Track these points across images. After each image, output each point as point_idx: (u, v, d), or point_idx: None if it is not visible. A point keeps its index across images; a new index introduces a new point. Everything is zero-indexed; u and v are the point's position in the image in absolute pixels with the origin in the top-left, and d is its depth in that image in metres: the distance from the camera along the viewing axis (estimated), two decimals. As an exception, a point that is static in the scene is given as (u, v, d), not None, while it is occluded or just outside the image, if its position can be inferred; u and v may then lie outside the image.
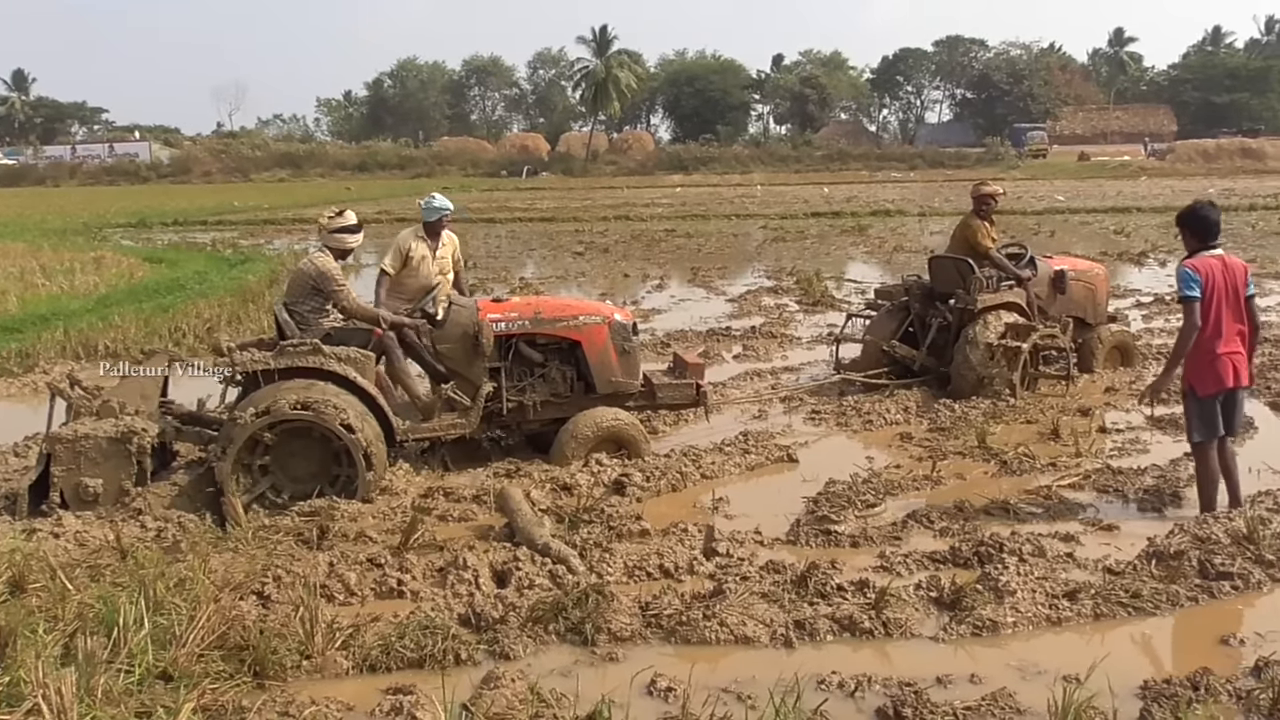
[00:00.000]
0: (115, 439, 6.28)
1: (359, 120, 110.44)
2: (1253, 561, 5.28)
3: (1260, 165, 58.06)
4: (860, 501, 6.44)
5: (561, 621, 4.72)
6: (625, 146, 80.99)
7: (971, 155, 68.36)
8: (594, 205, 39.33)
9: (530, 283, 17.95)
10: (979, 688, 4.20)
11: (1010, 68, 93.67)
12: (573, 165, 71.89)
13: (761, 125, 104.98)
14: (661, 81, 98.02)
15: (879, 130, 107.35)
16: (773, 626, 4.72)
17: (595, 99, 78.27)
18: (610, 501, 6.39)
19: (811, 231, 27.88)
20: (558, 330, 7.49)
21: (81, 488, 6.20)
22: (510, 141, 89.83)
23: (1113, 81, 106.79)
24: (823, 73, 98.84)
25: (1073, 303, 9.79)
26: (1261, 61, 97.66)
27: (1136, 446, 7.60)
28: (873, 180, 57.21)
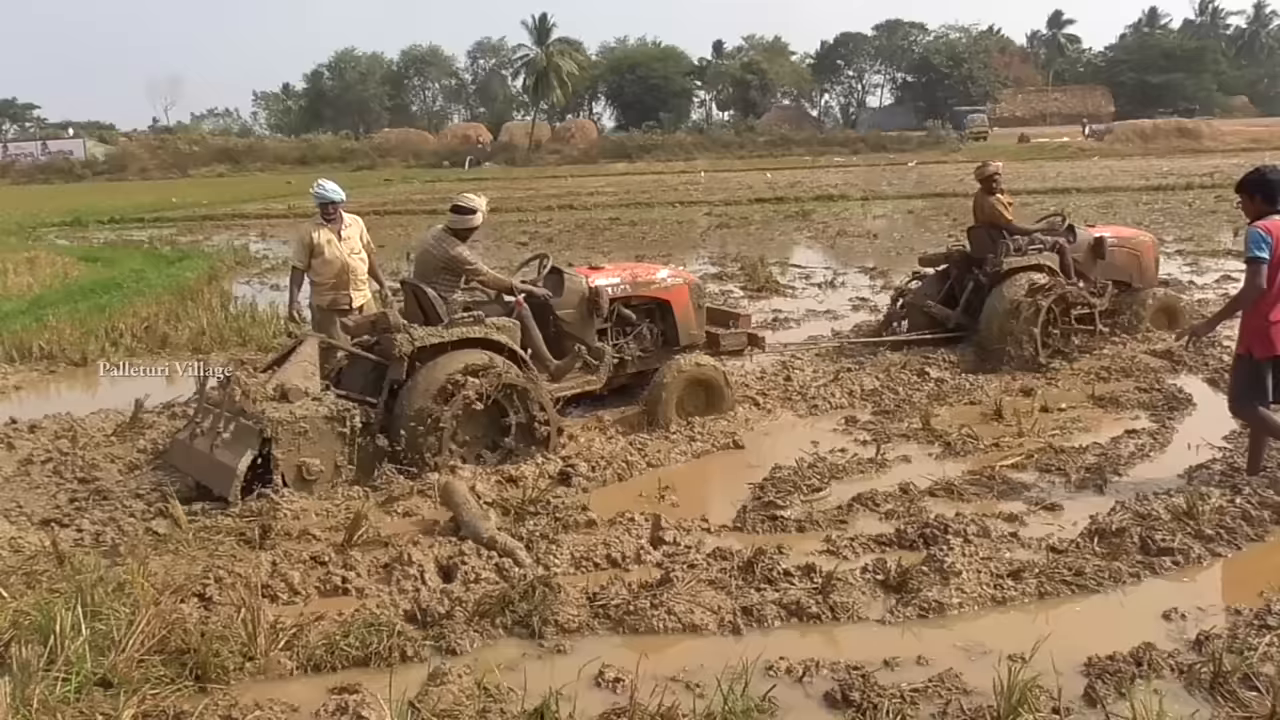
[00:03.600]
0: (331, 418, 6.49)
1: (298, 113, 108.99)
2: (1193, 536, 5.36)
3: (1196, 145, 58.91)
4: (806, 486, 6.45)
5: (508, 615, 4.68)
6: (568, 135, 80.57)
7: (913, 139, 68.73)
8: (537, 195, 39.13)
9: (474, 274, 17.82)
10: (926, 669, 4.22)
11: (950, 51, 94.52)
12: (515, 155, 71.32)
13: (704, 112, 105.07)
14: (603, 69, 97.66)
15: (821, 115, 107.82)
16: (720, 614, 4.71)
17: (537, 88, 77.83)
18: (556, 493, 6.35)
19: (755, 218, 27.92)
20: (651, 292, 8.31)
21: (305, 467, 6.36)
22: (452, 132, 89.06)
23: (1051, 63, 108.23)
24: (764, 58, 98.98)
25: (1115, 268, 10.50)
26: (1196, 42, 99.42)
27: (1078, 425, 7.68)
28: (816, 165, 57.42)
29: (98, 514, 6.12)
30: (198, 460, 6.60)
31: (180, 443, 7.00)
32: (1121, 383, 8.80)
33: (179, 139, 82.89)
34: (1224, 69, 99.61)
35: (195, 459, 6.64)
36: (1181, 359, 9.25)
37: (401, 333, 6.83)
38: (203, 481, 6.50)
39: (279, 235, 25.79)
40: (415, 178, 58.00)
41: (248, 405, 6.49)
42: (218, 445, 6.46)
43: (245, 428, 6.40)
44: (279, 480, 6.27)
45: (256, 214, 34.00)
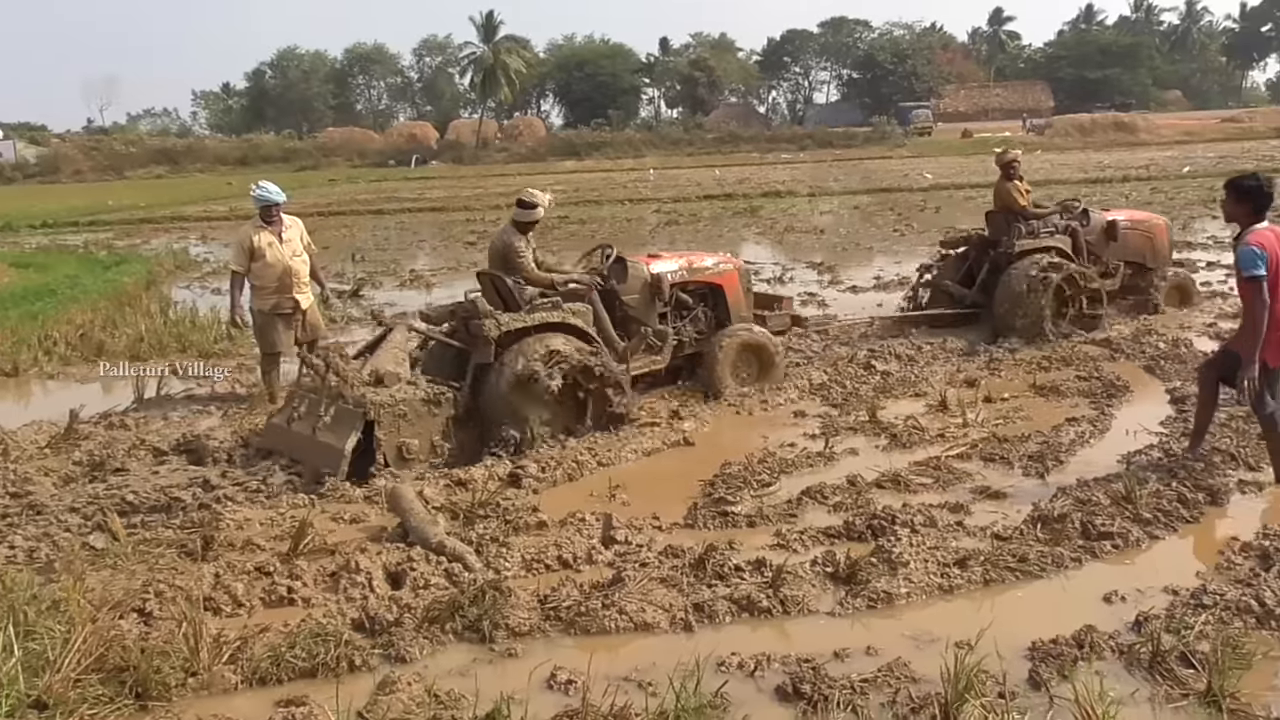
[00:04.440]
0: (428, 400, 6.94)
1: (239, 113, 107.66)
2: (1131, 520, 5.47)
3: (1133, 138, 59.89)
4: (756, 481, 6.48)
5: (459, 620, 4.65)
6: (516, 133, 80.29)
7: (859, 135, 69.19)
8: (486, 193, 38.90)
9: (421, 274, 17.72)
10: (875, 659, 4.25)
11: (894, 47, 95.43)
12: (463, 153, 70.92)
13: (653, 109, 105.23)
14: (551, 67, 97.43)
15: (768, 112, 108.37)
16: (672, 611, 4.72)
17: (484, 86, 77.41)
18: (506, 495, 6.33)
19: (704, 214, 27.99)
20: (706, 277, 8.82)
21: (404, 447, 6.79)
22: (398, 131, 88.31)
23: (992, 59, 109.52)
24: (711, 55, 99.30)
25: (1128, 249, 11.17)
26: (1131, 38, 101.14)
27: (1021, 414, 7.79)
28: (764, 162, 57.62)
29: (31, 529, 5.98)
30: (299, 443, 6.98)
31: (276, 426, 7.36)
32: (1062, 371, 8.93)
33: (115, 140, 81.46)
34: (1158, 64, 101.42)
35: (296, 442, 7.01)
36: (1120, 348, 9.43)
37: (489, 318, 7.26)
38: (306, 462, 6.84)
39: (220, 238, 25.44)
40: (361, 177, 57.51)
41: (346, 390, 6.88)
42: (320, 428, 6.83)
43: (347, 411, 6.78)
44: (381, 460, 6.68)
45: (197, 216, 33.48)
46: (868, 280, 14.76)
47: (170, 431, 8.09)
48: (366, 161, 70.26)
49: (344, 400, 6.84)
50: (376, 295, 15.63)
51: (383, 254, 21.55)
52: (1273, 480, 6.06)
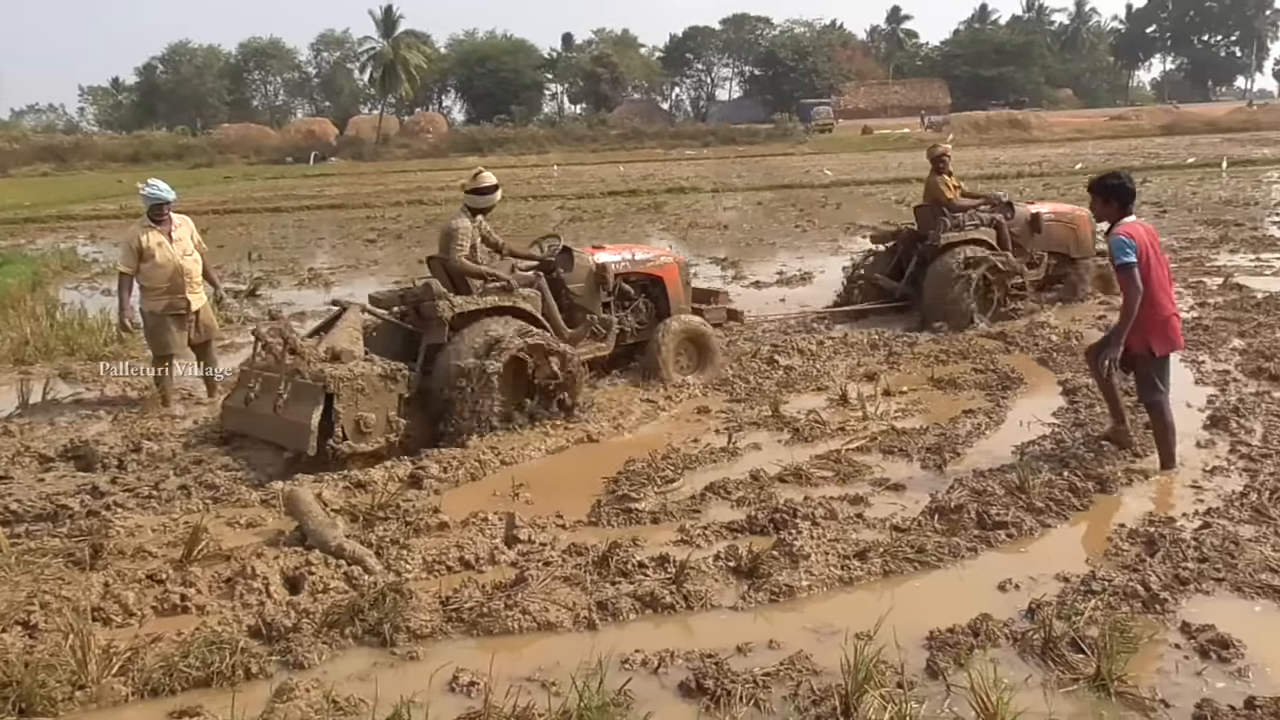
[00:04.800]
0: (385, 376, 7.02)
1: (129, 108, 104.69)
2: (1025, 510, 5.60)
3: (1026, 135, 61.50)
4: (660, 478, 6.48)
5: (358, 624, 4.56)
6: (417, 129, 79.28)
7: (762, 131, 69.85)
8: (386, 190, 38.43)
9: (320, 273, 17.41)
10: (777, 653, 4.28)
11: (795, 45, 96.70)
12: (363, 150, 69.84)
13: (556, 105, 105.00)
14: (452, 62, 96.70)
15: (672, 109, 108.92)
16: (575, 610, 4.69)
17: (384, 81, 76.50)
18: (407, 496, 6.25)
19: (609, 210, 28.01)
20: (648, 269, 9.09)
21: (362, 421, 6.83)
22: (295, 127, 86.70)
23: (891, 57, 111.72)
24: (614, 51, 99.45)
25: (1052, 240, 11.66)
26: (1024, 37, 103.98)
27: (918, 407, 7.93)
28: (668, 158, 57.90)
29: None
30: (262, 423, 7.04)
31: (233, 409, 7.38)
32: (959, 365, 9.12)
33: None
34: (1050, 63, 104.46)
35: (259, 422, 7.07)
36: (1015, 341, 9.69)
37: (443, 300, 7.43)
38: (272, 441, 6.95)
39: (110, 237, 24.66)
40: (257, 175, 56.33)
41: (303, 366, 6.94)
42: (280, 406, 6.85)
43: (307, 386, 6.83)
44: (339, 433, 6.73)
45: (85, 215, 32.43)
46: (770, 276, 14.91)
47: (57, 437, 7.81)
48: (263, 158, 68.77)
49: (301, 376, 6.88)
50: (274, 295, 15.32)
51: (280, 252, 21.12)
52: (1158, 467, 6.26)
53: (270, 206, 33.40)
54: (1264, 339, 9.23)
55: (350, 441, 6.78)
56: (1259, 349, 8.84)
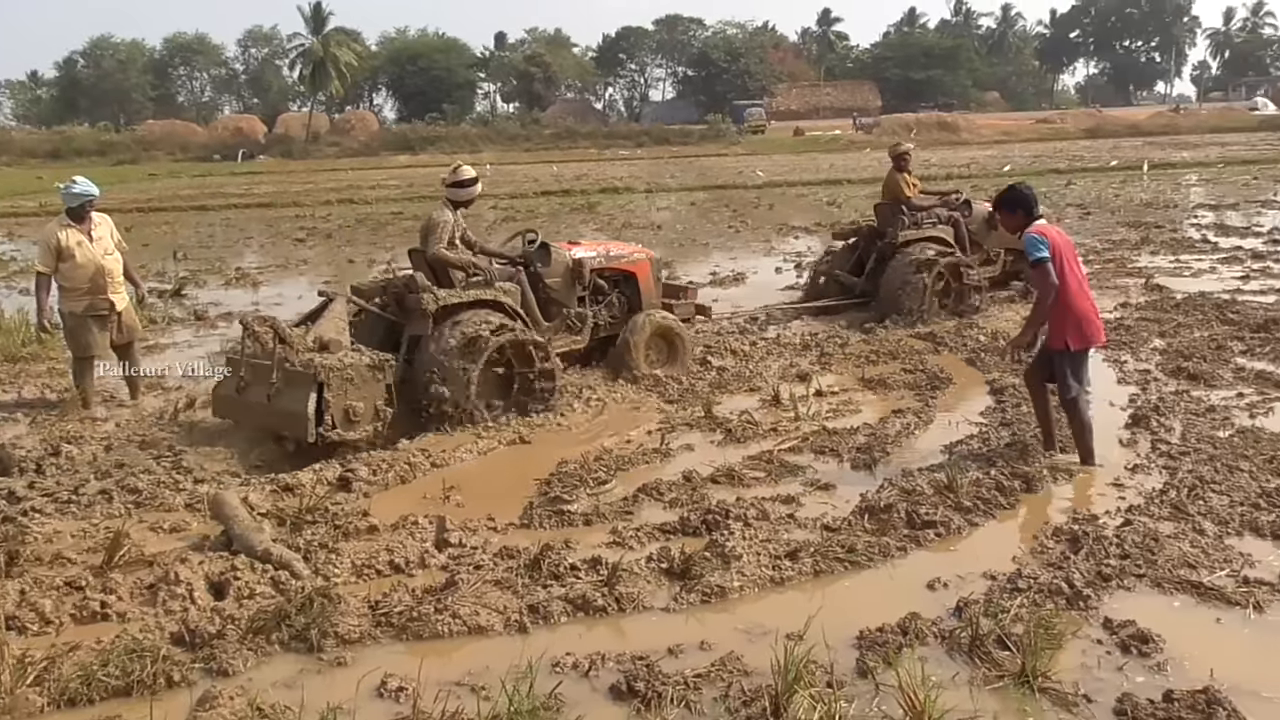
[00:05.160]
0: (373, 365, 7.16)
1: (49, 103, 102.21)
2: (953, 509, 5.66)
3: (955, 137, 62.47)
4: (593, 479, 6.46)
5: (285, 630, 4.48)
6: (348, 127, 78.35)
7: (695, 132, 70.10)
8: (316, 189, 37.95)
9: (248, 272, 17.13)
10: (708, 654, 4.28)
11: (728, 46, 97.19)
12: (292, 147, 68.87)
13: (489, 104, 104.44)
14: (383, 60, 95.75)
15: (605, 109, 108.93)
16: (506, 613, 4.66)
17: (314, 79, 75.35)
18: (335, 499, 6.16)
19: (542, 210, 27.92)
20: (621, 264, 9.30)
21: (351, 410, 6.98)
22: (223, 124, 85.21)
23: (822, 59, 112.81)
24: (547, 51, 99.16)
25: (1008, 238, 11.34)
26: (952, 41, 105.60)
27: (849, 408, 8.00)
28: (601, 158, 57.89)
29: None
30: (257, 412, 7.22)
31: (226, 398, 7.52)
32: (889, 365, 9.22)
33: (-92, 131, 76.09)
34: (978, 66, 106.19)
35: (254, 411, 7.26)
36: (943, 341, 9.82)
37: (428, 293, 7.63)
38: (269, 429, 7.17)
39: (29, 234, 24.00)
40: (183, 172, 55.28)
41: (292, 355, 7.07)
42: (274, 395, 6.99)
43: (298, 374, 6.96)
44: (329, 421, 6.87)
45: (3, 212, 31.55)
46: (704, 276, 14.94)
47: (-30, 441, 7.59)
48: (189, 155, 67.50)
49: (290, 365, 7.01)
50: (200, 294, 15.02)
51: (207, 251, 20.75)
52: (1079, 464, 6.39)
53: (196, 205, 32.80)
54: (1183, 339, 9.45)
55: (339, 430, 6.94)
56: (1178, 349, 9.05)
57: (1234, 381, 8.09)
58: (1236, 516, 5.43)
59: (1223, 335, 9.51)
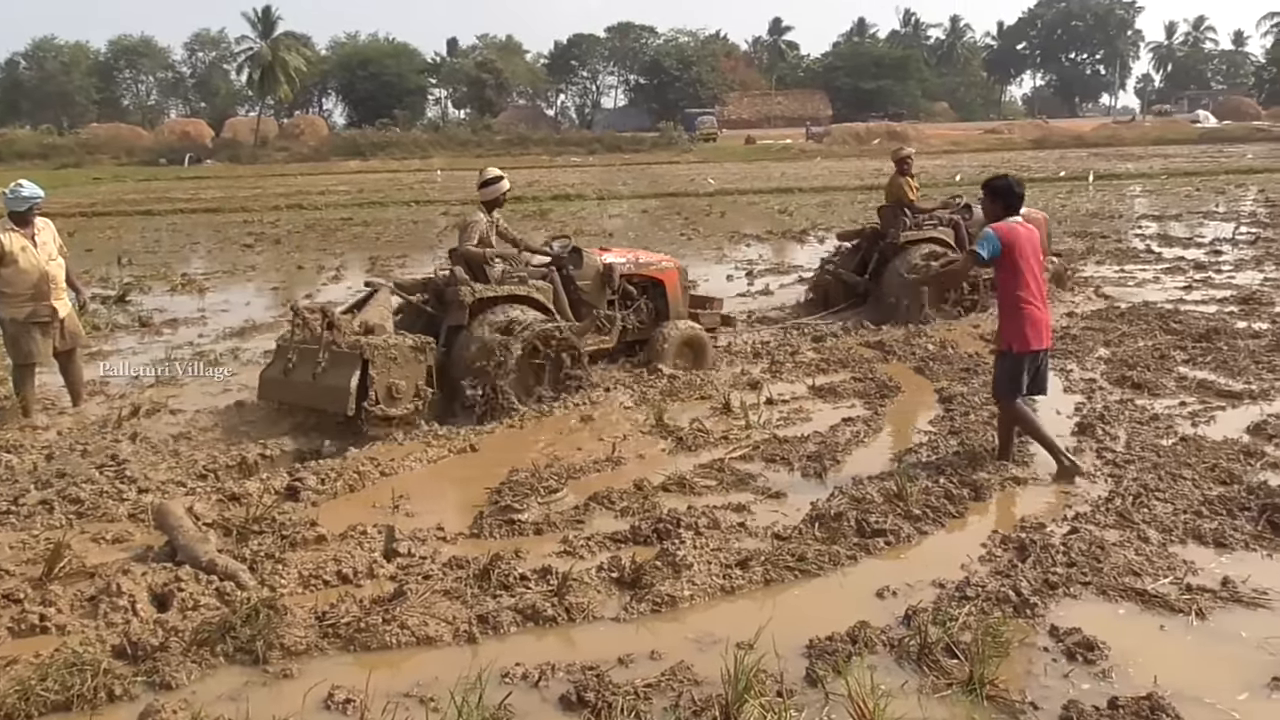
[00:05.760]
0: (415, 347, 7.73)
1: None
2: (902, 517, 5.70)
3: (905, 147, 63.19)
4: (543, 488, 6.42)
5: (230, 642, 4.41)
6: (297, 132, 77.60)
7: (647, 139, 70.28)
8: (264, 194, 37.56)
9: (194, 278, 16.89)
10: (659, 664, 4.27)
11: (679, 54, 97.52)
12: (240, 152, 68.01)
13: (440, 110, 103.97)
14: (333, 65, 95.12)
15: (557, 115, 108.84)
16: (455, 624, 4.62)
17: (262, 83, 74.63)
18: (283, 509, 6.07)
19: (493, 217, 27.76)
20: (650, 272, 9.73)
21: (394, 387, 7.55)
22: (169, 128, 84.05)
23: (773, 68, 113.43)
24: (499, 57, 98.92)
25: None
26: (902, 51, 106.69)
27: (800, 416, 8.02)
28: (553, 165, 57.81)
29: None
30: (302, 390, 7.71)
31: (272, 380, 7.99)
32: (839, 373, 9.27)
33: None
34: (927, 77, 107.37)
35: (298, 390, 7.74)
36: (893, 350, 9.90)
37: (465, 286, 8.18)
38: (312, 406, 7.68)
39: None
40: (128, 176, 54.48)
41: (339, 338, 7.62)
42: (319, 373, 7.53)
43: (344, 354, 7.52)
44: (373, 397, 7.42)
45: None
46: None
47: (-95, 450, 7.41)
48: (135, 159, 66.42)
49: (337, 346, 7.56)
50: (145, 301, 14.78)
51: (152, 257, 20.45)
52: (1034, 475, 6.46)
53: (142, 209, 32.35)
54: (1128, 348, 9.60)
55: (383, 405, 7.47)
56: (1123, 358, 9.19)
57: (1177, 390, 8.23)
58: (1180, 524, 5.51)
59: (1166, 345, 9.67)
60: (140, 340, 11.97)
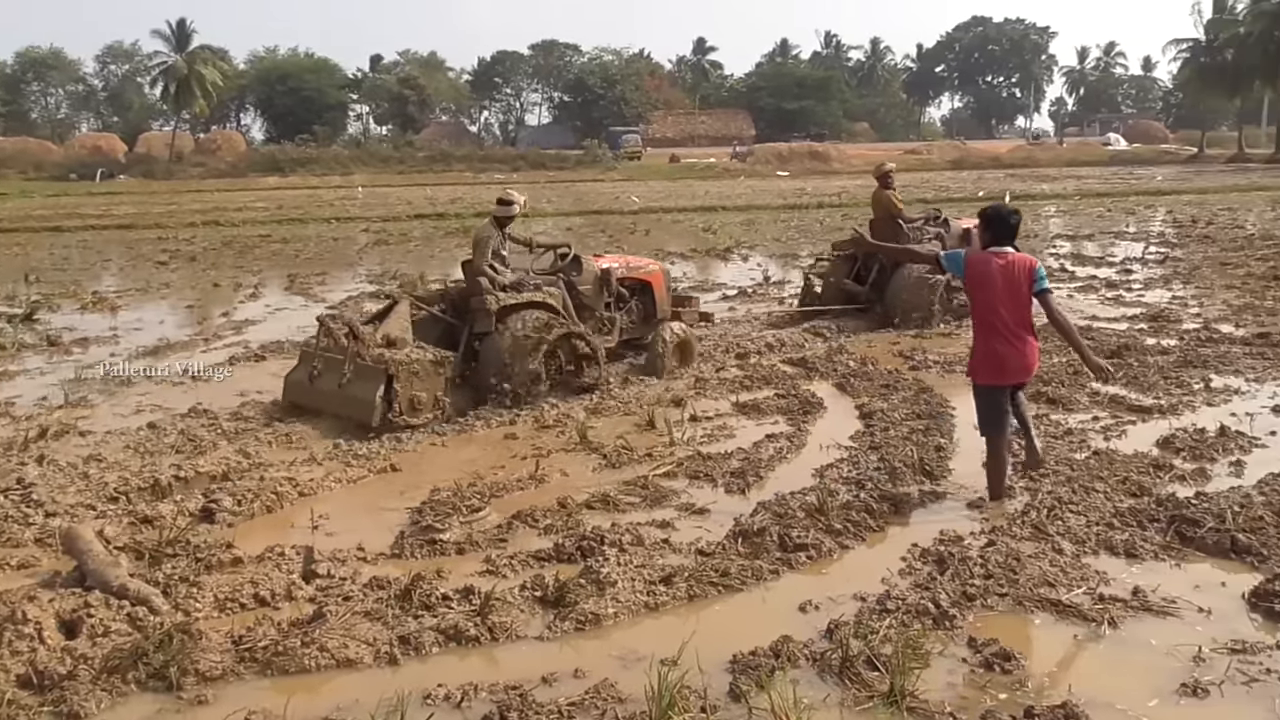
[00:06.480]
0: (435, 361, 8.37)
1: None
2: (824, 531, 5.75)
3: (826, 167, 63.96)
4: (466, 507, 6.37)
5: (142, 668, 4.30)
6: (214, 147, 76.13)
7: (571, 157, 70.27)
8: (180, 210, 36.81)
9: (106, 296, 16.48)
10: (583, 681, 4.26)
11: (604, 72, 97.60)
12: (154, 168, 66.48)
13: (362, 126, 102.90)
14: (251, 79, 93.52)
15: (481, 132, 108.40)
16: (376, 645, 4.56)
17: (178, 97, 73.07)
18: (198, 531, 5.95)
19: (415, 234, 27.62)
20: (640, 275, 10.51)
21: (415, 399, 8.19)
22: (80, 142, 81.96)
23: (698, 88, 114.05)
24: (422, 74, 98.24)
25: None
26: (823, 72, 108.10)
27: (724, 432, 8.06)
28: (476, 181, 57.52)
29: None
30: (327, 398, 8.35)
31: (297, 384, 8.70)
32: (763, 390, 9.33)
33: None
34: (848, 97, 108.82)
35: (323, 397, 8.40)
36: (815, 367, 10.00)
37: (491, 295, 8.85)
38: (337, 414, 8.23)
39: None
40: (36, 192, 52.94)
41: (363, 350, 8.20)
42: (345, 384, 8.15)
43: (369, 368, 8.14)
44: (396, 409, 8.04)
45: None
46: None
47: None
48: (44, 175, 64.55)
49: (361, 359, 8.15)
50: (54, 319, 14.39)
51: (61, 274, 19.90)
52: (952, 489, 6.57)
53: (50, 225, 31.49)
54: (1042, 365, 9.75)
55: (405, 416, 8.09)
56: (1038, 374, 9.32)
57: (1090, 405, 8.43)
58: (1093, 536, 5.64)
59: (1079, 361, 9.85)
60: (48, 360, 11.63)
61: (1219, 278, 15.70)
